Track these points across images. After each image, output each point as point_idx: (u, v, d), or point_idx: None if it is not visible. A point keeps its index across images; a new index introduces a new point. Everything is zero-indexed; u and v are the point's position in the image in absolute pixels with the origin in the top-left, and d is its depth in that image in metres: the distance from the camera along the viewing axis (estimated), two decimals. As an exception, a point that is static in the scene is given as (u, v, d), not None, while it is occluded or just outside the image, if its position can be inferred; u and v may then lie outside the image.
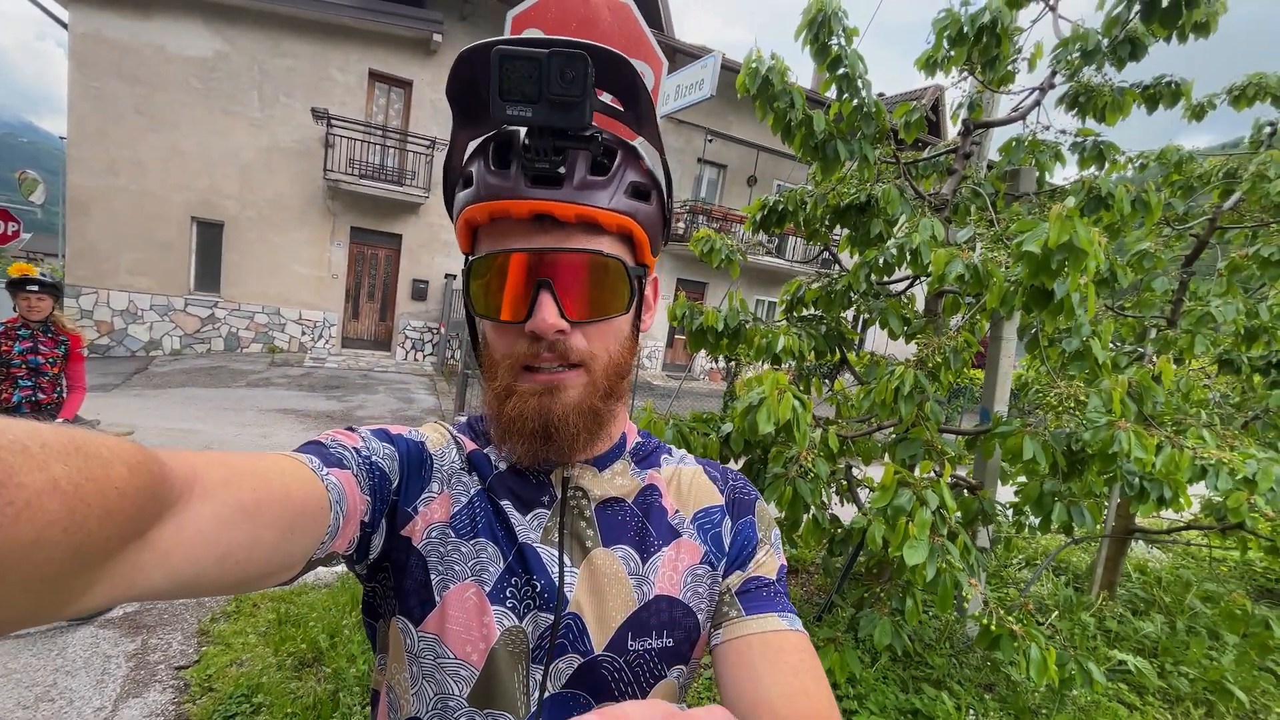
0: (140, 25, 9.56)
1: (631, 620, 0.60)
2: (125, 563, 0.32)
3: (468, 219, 0.56)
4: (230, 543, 0.38)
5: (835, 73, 2.62)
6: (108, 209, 9.79)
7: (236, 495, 0.39)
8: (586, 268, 0.55)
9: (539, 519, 0.62)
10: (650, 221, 0.60)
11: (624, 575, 0.61)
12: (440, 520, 0.60)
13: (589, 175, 0.54)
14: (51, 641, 2.73)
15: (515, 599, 0.58)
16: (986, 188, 2.99)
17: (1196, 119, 3.56)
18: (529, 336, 0.55)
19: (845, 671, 2.25)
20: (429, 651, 0.58)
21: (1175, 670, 3.18)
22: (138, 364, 9.68)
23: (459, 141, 0.59)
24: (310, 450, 0.53)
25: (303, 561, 0.47)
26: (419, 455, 0.62)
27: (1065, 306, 1.92)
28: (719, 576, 0.65)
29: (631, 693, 0.61)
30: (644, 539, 0.64)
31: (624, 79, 0.55)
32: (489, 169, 0.54)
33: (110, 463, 0.29)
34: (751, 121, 13.36)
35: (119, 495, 0.29)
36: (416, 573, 0.59)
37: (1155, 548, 4.87)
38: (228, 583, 0.40)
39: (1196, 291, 3.68)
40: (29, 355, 3.10)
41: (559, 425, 0.57)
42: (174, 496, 0.35)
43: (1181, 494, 2.28)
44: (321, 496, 0.48)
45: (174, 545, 0.34)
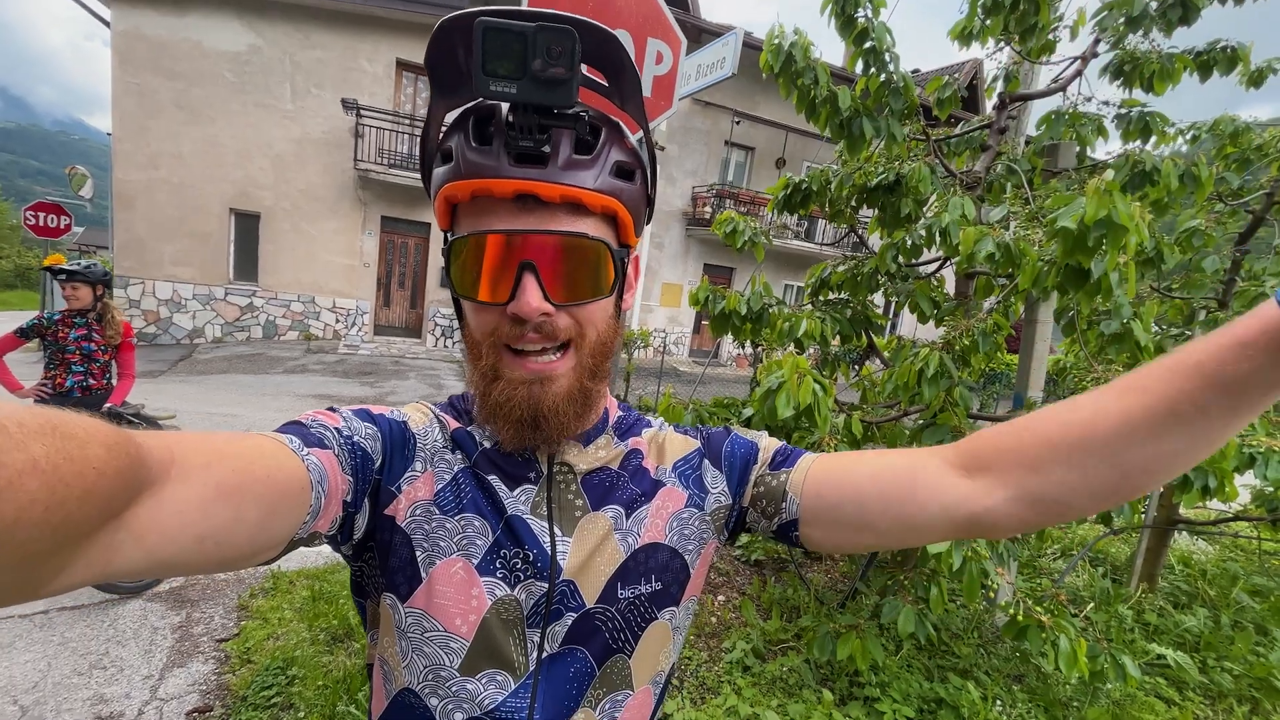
0: (177, 21, 9.81)
1: (619, 571, 0.62)
2: (101, 543, 0.32)
3: (447, 196, 0.55)
4: (210, 524, 0.39)
5: (862, 46, 2.53)
6: (151, 201, 10.15)
7: (217, 476, 0.40)
8: (571, 250, 0.54)
9: (526, 494, 0.63)
10: (634, 202, 0.59)
11: (611, 533, 0.63)
12: (424, 498, 0.61)
13: (574, 154, 0.53)
14: (104, 613, 2.88)
15: (506, 569, 0.59)
16: (1023, 164, 2.86)
17: (1255, 86, 3.32)
18: (512, 318, 0.55)
19: (868, 659, 2.23)
20: (416, 626, 0.59)
21: (1218, 666, 3.06)
22: (182, 351, 10.08)
23: (436, 113, 0.57)
24: (291, 430, 0.54)
25: (285, 542, 0.48)
26: (401, 435, 0.63)
27: (1103, 286, 1.83)
28: (709, 514, 0.68)
29: (623, 637, 0.63)
30: (629, 497, 0.66)
31: (609, 54, 0.53)
32: (470, 145, 0.53)
33: (87, 443, 0.29)
34: (779, 102, 13.04)
35: (97, 475, 0.29)
36: (402, 551, 0.60)
37: (1201, 539, 4.68)
38: (207, 563, 0.40)
39: (1251, 270, 3.48)
40: (83, 343, 3.25)
41: (549, 415, 0.57)
42: (152, 478, 0.35)
43: (1228, 483, 2.17)
44: (303, 477, 0.48)
45: (151, 526, 0.35)
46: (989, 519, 0.54)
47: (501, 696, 0.58)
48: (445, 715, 0.58)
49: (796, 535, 0.65)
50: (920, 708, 2.49)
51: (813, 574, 3.71)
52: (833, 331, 2.86)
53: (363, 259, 11.56)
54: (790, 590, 3.38)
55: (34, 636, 2.66)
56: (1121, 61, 2.82)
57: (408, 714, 0.60)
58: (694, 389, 6.70)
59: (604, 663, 0.62)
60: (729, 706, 2.42)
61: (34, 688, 2.36)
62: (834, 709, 2.44)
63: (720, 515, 0.69)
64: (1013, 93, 2.96)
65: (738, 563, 3.79)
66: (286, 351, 10.52)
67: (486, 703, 0.58)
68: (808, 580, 3.46)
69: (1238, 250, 3.33)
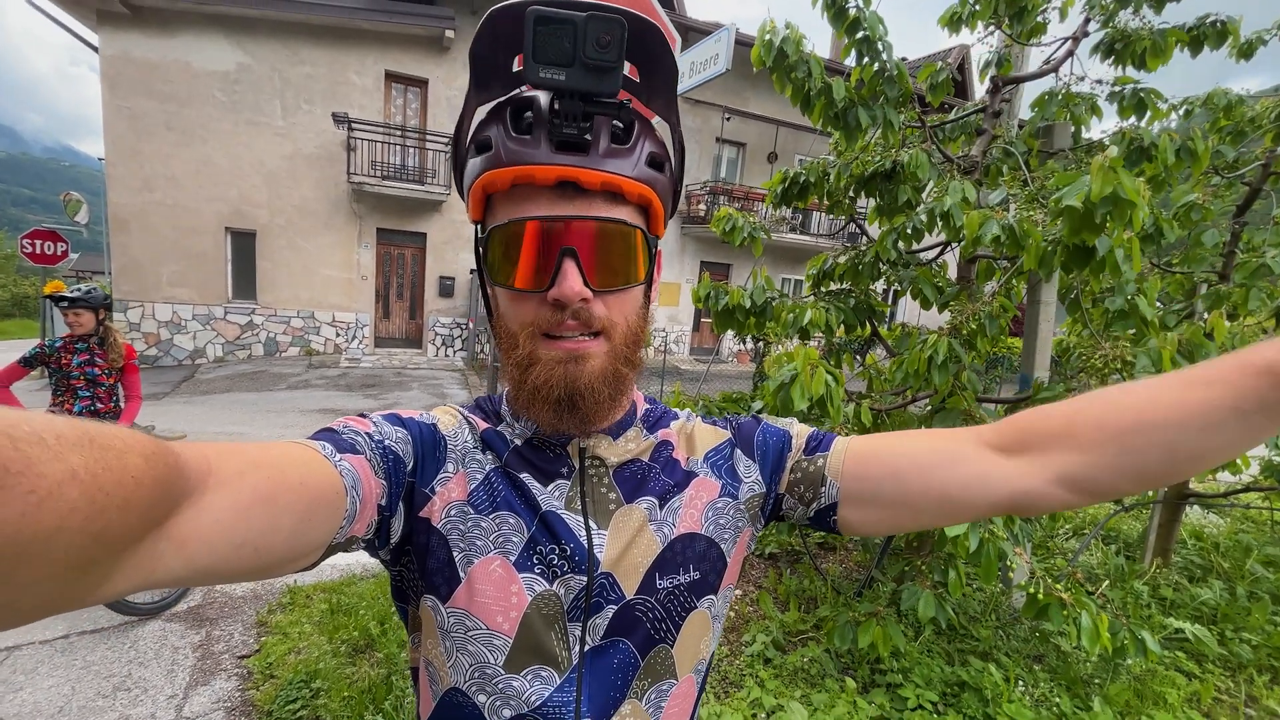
0: (165, 43, 9.82)
1: (657, 562, 0.63)
2: (144, 552, 0.33)
3: (485, 185, 0.55)
4: (248, 531, 0.39)
5: (854, 36, 2.54)
6: (146, 224, 10.15)
7: (252, 484, 0.40)
8: (610, 237, 0.55)
9: (560, 489, 0.63)
10: (665, 193, 0.60)
11: (646, 524, 0.64)
12: (458, 499, 0.62)
13: (612, 144, 0.54)
14: (124, 635, 2.89)
15: (543, 565, 0.60)
16: (1019, 146, 2.87)
17: (1245, 58, 3.33)
18: (551, 305, 0.55)
19: (889, 645, 2.23)
20: (459, 626, 0.60)
21: (1236, 637, 3.07)
22: (185, 372, 10.08)
23: (471, 106, 0.58)
24: (323, 437, 0.54)
25: (322, 547, 0.48)
26: (432, 437, 0.63)
27: (1109, 263, 1.84)
28: (743, 503, 0.69)
29: (665, 627, 0.63)
30: (662, 488, 0.66)
31: (650, 49, 0.55)
32: (509, 134, 0.54)
33: (124, 453, 0.30)
34: (769, 97, 13.08)
35: (135, 484, 0.30)
36: (439, 552, 0.60)
37: (1212, 512, 4.69)
38: (246, 569, 0.41)
39: (1250, 242, 3.48)
40: (87, 367, 3.25)
41: (584, 393, 0.57)
42: (190, 487, 0.35)
43: (1239, 454, 2.18)
44: (336, 482, 0.49)
45: (191, 534, 0.35)
46: (1030, 499, 0.56)
47: (547, 692, 0.59)
48: (493, 712, 0.59)
49: (834, 520, 0.65)
50: (943, 692, 2.50)
51: (828, 564, 3.72)
52: (837, 321, 2.86)
53: (360, 272, 11.56)
54: (806, 581, 3.39)
55: (56, 661, 2.67)
56: (1113, 40, 2.83)
57: (456, 713, 0.60)
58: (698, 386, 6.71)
59: (647, 653, 0.62)
60: (753, 699, 2.43)
61: (59, 712, 2.37)
62: (857, 697, 2.44)
63: (755, 504, 0.69)
64: (1005, 75, 2.97)
65: (752, 557, 3.80)
66: (288, 368, 10.52)
67: (533, 699, 0.59)
68: (823, 570, 3.47)
69: (1236, 222, 3.34)
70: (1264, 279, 2.98)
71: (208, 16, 9.87)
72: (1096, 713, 2.39)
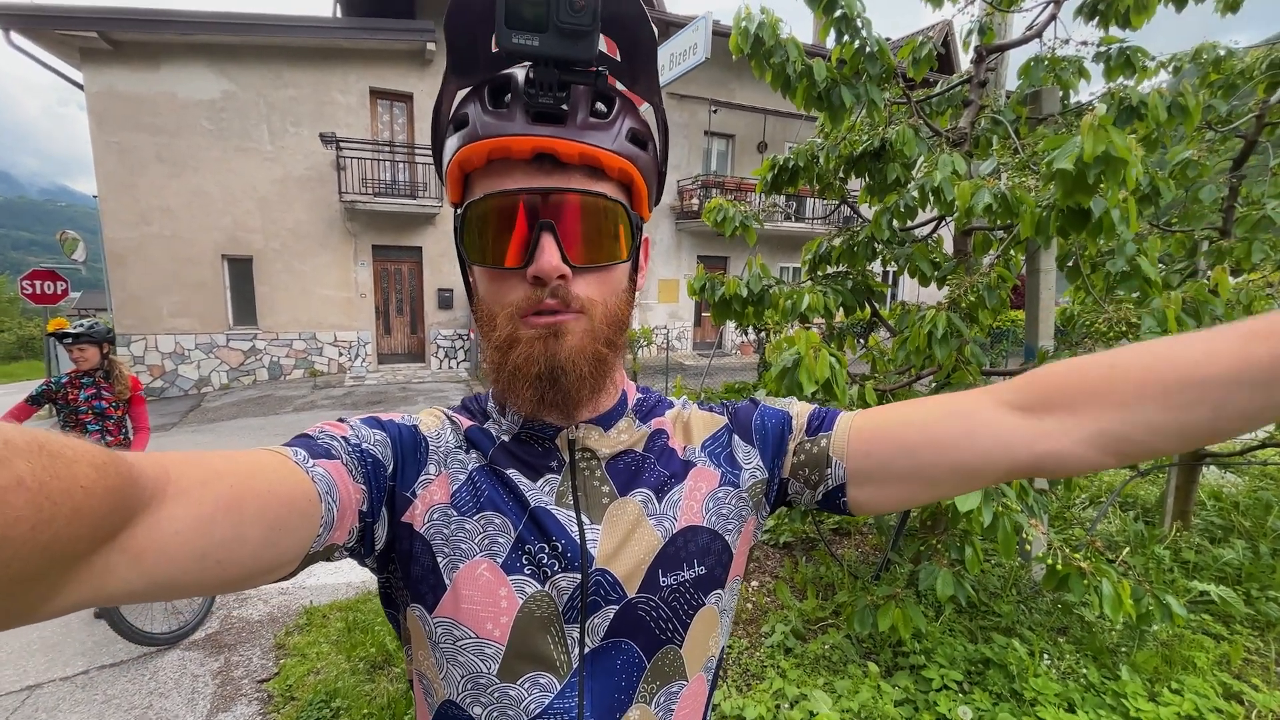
0: (150, 76, 9.86)
1: (659, 558, 0.60)
2: (96, 565, 0.31)
3: (461, 161, 0.53)
4: (209, 542, 0.37)
5: (832, 15, 2.52)
6: (143, 257, 10.20)
7: (215, 493, 0.38)
8: (590, 210, 0.53)
9: (550, 484, 0.61)
10: (648, 171, 0.58)
11: (643, 518, 0.61)
12: (440, 502, 0.59)
13: (590, 116, 0.52)
14: (143, 667, 2.89)
15: (533, 565, 0.57)
16: (1007, 114, 2.83)
17: (1232, 11, 3.29)
18: (530, 282, 0.53)
19: (910, 627, 2.20)
20: (447, 635, 0.57)
21: (1263, 596, 3.03)
22: (191, 402, 10.12)
23: (449, 89, 0.56)
24: (297, 444, 0.52)
25: (299, 557, 0.47)
26: (412, 439, 0.61)
27: (1105, 225, 1.81)
28: (745, 491, 0.66)
29: (671, 627, 0.60)
30: (659, 479, 0.64)
31: (628, 21, 0.53)
32: (486, 109, 0.52)
33: (74, 462, 0.29)
34: (754, 87, 13.04)
35: (85, 494, 0.29)
36: (423, 558, 0.58)
37: (1229, 472, 4.63)
38: (211, 582, 0.39)
39: (1249, 196, 3.43)
40: (94, 402, 3.26)
41: (565, 367, 0.55)
42: (146, 497, 0.34)
43: (1253, 409, 2.14)
44: (309, 489, 0.47)
45: (148, 546, 0.34)
46: (1057, 460, 0.52)
47: (548, 699, 0.56)
48: None
49: (844, 501, 0.62)
50: (967, 670, 2.47)
51: (843, 550, 3.69)
52: (836, 304, 2.84)
53: (358, 290, 11.59)
54: (823, 568, 3.36)
55: (78, 698, 2.67)
56: (1095, 0, 2.79)
57: None
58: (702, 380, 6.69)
59: (653, 654, 0.60)
60: (775, 689, 2.41)
61: (83, 748, 2.37)
62: (881, 681, 2.42)
63: (758, 490, 0.66)
64: (989, 44, 2.93)
65: (766, 547, 3.78)
66: (294, 390, 10.55)
67: (533, 708, 0.56)
68: (839, 556, 3.44)
69: (1233, 176, 3.29)
70: (1266, 231, 2.93)
71: (190, 47, 9.90)
72: (1125, 681, 2.35)
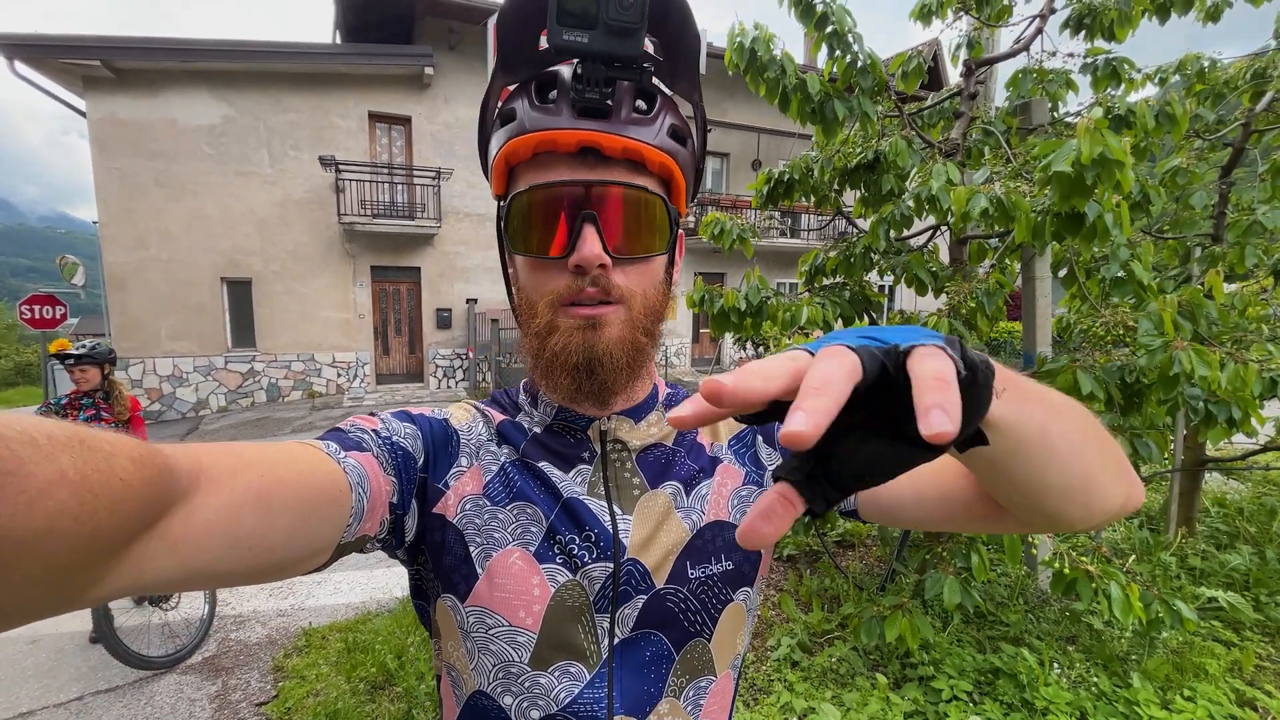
0: (151, 102, 9.98)
1: (688, 549, 0.61)
2: (134, 554, 0.32)
3: (508, 154, 0.55)
4: (240, 530, 0.38)
5: (824, 31, 2.57)
6: (143, 281, 10.23)
7: (245, 482, 0.39)
8: (631, 203, 0.55)
9: (582, 475, 0.62)
10: (686, 166, 0.60)
11: (672, 510, 0.62)
12: (473, 492, 0.60)
13: (634, 112, 0.54)
14: (139, 692, 2.84)
15: (565, 554, 0.58)
16: (998, 125, 2.88)
17: (1213, 20, 3.36)
18: (571, 272, 0.55)
19: (918, 638, 2.18)
20: (479, 624, 0.57)
21: (1271, 601, 3.00)
22: (189, 425, 10.07)
23: (496, 86, 0.58)
24: (329, 437, 0.54)
25: (331, 547, 0.47)
26: (443, 432, 0.63)
27: (1099, 229, 1.83)
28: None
29: (700, 620, 0.60)
30: (688, 473, 0.65)
31: (672, 21, 0.55)
32: (533, 104, 0.54)
33: (113, 455, 0.29)
34: (748, 105, 13.24)
35: (124, 486, 0.29)
36: (455, 548, 0.59)
37: (1231, 478, 4.62)
38: (246, 570, 0.40)
39: (1239, 203, 3.48)
40: (93, 423, 3.25)
41: (603, 358, 0.56)
42: (181, 488, 0.35)
43: (1252, 412, 2.15)
44: (339, 480, 0.47)
45: (182, 535, 0.35)
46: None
47: (577, 689, 0.56)
48: (521, 714, 0.57)
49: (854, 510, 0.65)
50: (977, 681, 2.43)
51: (848, 561, 3.65)
52: (834, 315, 2.85)
53: (357, 311, 11.61)
54: (827, 580, 3.33)
55: (72, 724, 2.61)
56: (1080, 14, 2.86)
57: (482, 717, 0.58)
58: (702, 395, 6.67)
59: (682, 647, 0.60)
60: (783, 704, 2.37)
61: (77, 776, 2.31)
62: (890, 693, 2.38)
63: None
64: (978, 58, 2.99)
65: (770, 559, 3.74)
66: (292, 412, 10.51)
67: (563, 696, 0.56)
68: (844, 568, 3.41)
69: (1223, 183, 3.34)
70: (1257, 236, 2.97)
71: (190, 73, 10.05)
72: (1137, 689, 2.32)
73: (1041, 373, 2.21)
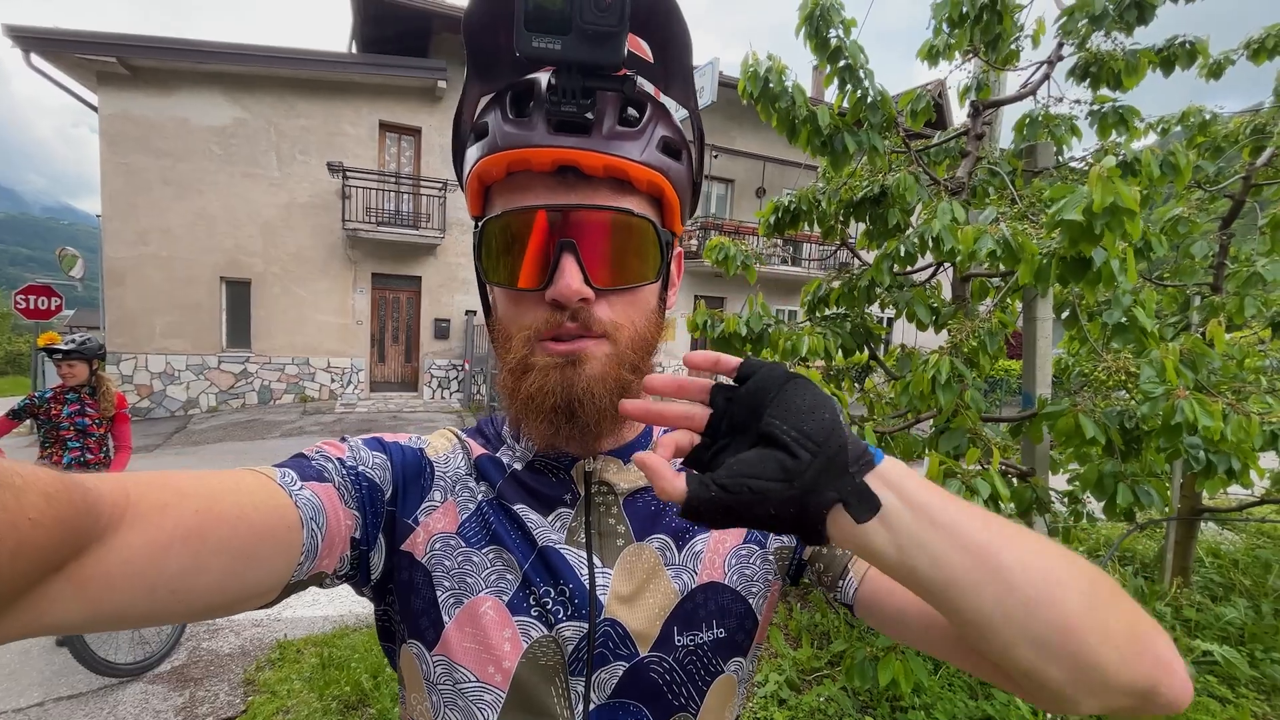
0: (163, 101, 10.06)
1: (676, 614, 0.55)
2: (35, 596, 0.29)
3: (480, 174, 0.50)
4: (162, 572, 0.34)
5: (837, 65, 2.60)
6: (141, 277, 10.20)
7: (175, 518, 0.35)
8: (615, 228, 0.50)
9: (562, 519, 0.57)
10: (681, 183, 0.54)
11: (660, 567, 0.56)
12: (445, 530, 0.55)
13: (618, 125, 0.49)
14: (103, 700, 2.74)
15: (540, 608, 0.53)
16: (1004, 166, 2.91)
17: (1214, 77, 3.44)
18: (549, 305, 0.50)
19: (911, 680, 2.12)
20: (446, 677, 0.53)
21: (1267, 658, 2.95)
22: (177, 423, 9.95)
23: (470, 96, 0.54)
24: (290, 464, 0.50)
25: (278, 586, 0.43)
26: (416, 463, 0.58)
27: (1104, 274, 1.83)
28: (771, 553, 0.61)
29: (686, 693, 0.55)
30: (679, 525, 0.59)
31: (659, 20, 0.49)
32: (506, 118, 0.49)
33: (24, 491, 0.26)
34: (754, 134, 13.43)
35: (31, 526, 0.26)
36: (423, 590, 0.54)
37: (1226, 529, 4.59)
38: (167, 613, 0.36)
39: (1238, 256, 3.51)
40: (77, 418, 3.19)
41: (582, 399, 0.50)
42: (101, 526, 0.31)
43: (1252, 464, 2.13)
44: (289, 514, 0.43)
45: (93, 576, 0.31)
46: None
47: None
48: None
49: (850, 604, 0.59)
50: (969, 728, 2.37)
51: (838, 597, 3.59)
52: (835, 346, 2.84)
53: (355, 317, 11.58)
54: (818, 615, 3.26)
55: (29, 732, 2.52)
56: (1087, 62, 2.91)
57: None
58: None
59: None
60: (769, 744, 2.30)
61: (30, 787, 2.22)
62: (879, 738, 2.31)
63: (784, 556, 0.62)
64: (985, 100, 3.03)
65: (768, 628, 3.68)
66: (282, 415, 10.40)
67: None
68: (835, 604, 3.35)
69: (1223, 234, 3.37)
70: (1256, 287, 2.99)
71: (205, 75, 10.15)
72: (1132, 745, 2.26)
73: (1043, 415, 2.19)
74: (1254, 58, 3.38)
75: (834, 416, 0.38)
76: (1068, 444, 2.16)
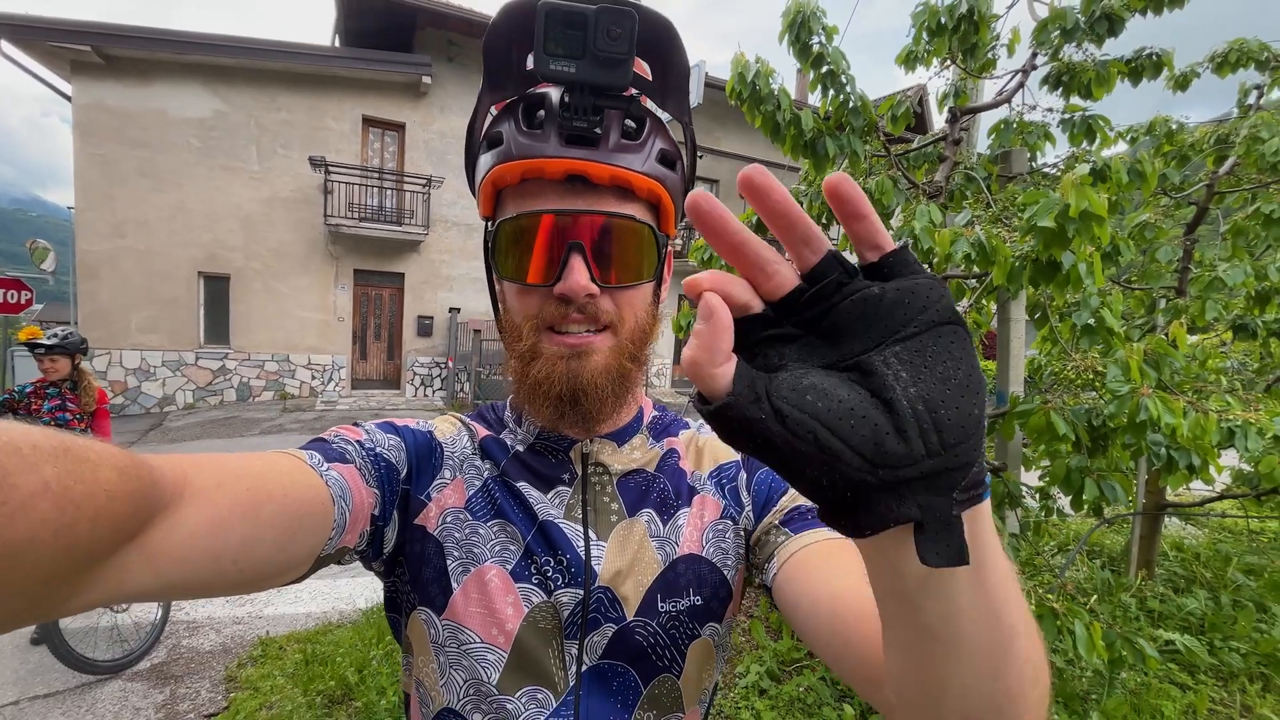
0: (141, 92, 9.85)
1: (658, 582, 0.60)
2: (113, 565, 0.32)
3: (495, 179, 0.55)
4: (225, 544, 0.38)
5: (819, 71, 2.66)
6: (116, 271, 9.98)
7: (232, 495, 0.39)
8: (619, 232, 0.55)
9: (560, 496, 0.62)
10: (675, 191, 0.60)
11: (647, 539, 0.62)
12: (455, 505, 0.61)
13: (622, 139, 0.54)
14: (81, 698, 2.71)
15: (540, 576, 0.58)
16: (979, 171, 3.00)
17: (1181, 89, 3.57)
18: (557, 299, 0.55)
19: (885, 668, 2.19)
20: (453, 639, 0.57)
21: (1225, 646, 3.08)
22: (152, 420, 9.76)
23: (484, 104, 0.59)
24: (312, 447, 0.54)
25: (310, 559, 0.47)
26: (427, 444, 0.63)
27: (1073, 277, 1.91)
28: (741, 530, 0.65)
29: (669, 655, 0.60)
30: (665, 501, 0.64)
31: (662, 46, 0.55)
32: (520, 129, 0.54)
33: (99, 465, 0.29)
34: (738, 135, 13.52)
35: (108, 498, 0.29)
36: (434, 560, 0.59)
37: (1189, 524, 4.76)
38: (228, 582, 0.40)
39: (1201, 260, 3.65)
40: (57, 413, 3.15)
41: (587, 389, 0.56)
42: (165, 500, 0.34)
43: (1211, 460, 2.23)
44: (322, 492, 0.48)
45: (163, 548, 0.34)
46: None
47: (542, 716, 0.56)
48: None
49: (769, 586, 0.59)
50: None
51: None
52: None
53: (336, 313, 11.45)
54: (798, 609, 3.33)
55: (5, 730, 2.48)
56: (1060, 72, 3.00)
57: None
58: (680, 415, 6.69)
59: (649, 681, 0.59)
60: (750, 733, 2.35)
61: (7, 785, 2.19)
62: (856, 725, 2.38)
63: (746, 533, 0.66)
64: (962, 106, 3.12)
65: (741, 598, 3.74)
66: (262, 413, 10.26)
67: None
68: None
69: (1187, 239, 3.50)
70: (1218, 291, 3.11)
71: (184, 66, 9.95)
72: (1096, 729, 2.36)
73: (1015, 412, 2.27)
74: (1218, 70, 3.51)
75: (982, 413, 0.27)
76: (1039, 441, 2.24)
